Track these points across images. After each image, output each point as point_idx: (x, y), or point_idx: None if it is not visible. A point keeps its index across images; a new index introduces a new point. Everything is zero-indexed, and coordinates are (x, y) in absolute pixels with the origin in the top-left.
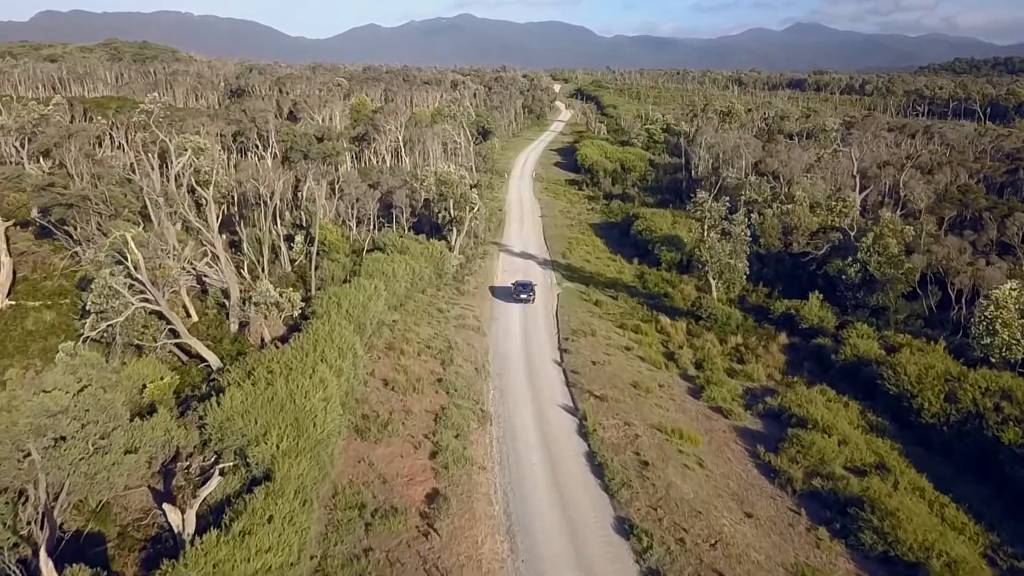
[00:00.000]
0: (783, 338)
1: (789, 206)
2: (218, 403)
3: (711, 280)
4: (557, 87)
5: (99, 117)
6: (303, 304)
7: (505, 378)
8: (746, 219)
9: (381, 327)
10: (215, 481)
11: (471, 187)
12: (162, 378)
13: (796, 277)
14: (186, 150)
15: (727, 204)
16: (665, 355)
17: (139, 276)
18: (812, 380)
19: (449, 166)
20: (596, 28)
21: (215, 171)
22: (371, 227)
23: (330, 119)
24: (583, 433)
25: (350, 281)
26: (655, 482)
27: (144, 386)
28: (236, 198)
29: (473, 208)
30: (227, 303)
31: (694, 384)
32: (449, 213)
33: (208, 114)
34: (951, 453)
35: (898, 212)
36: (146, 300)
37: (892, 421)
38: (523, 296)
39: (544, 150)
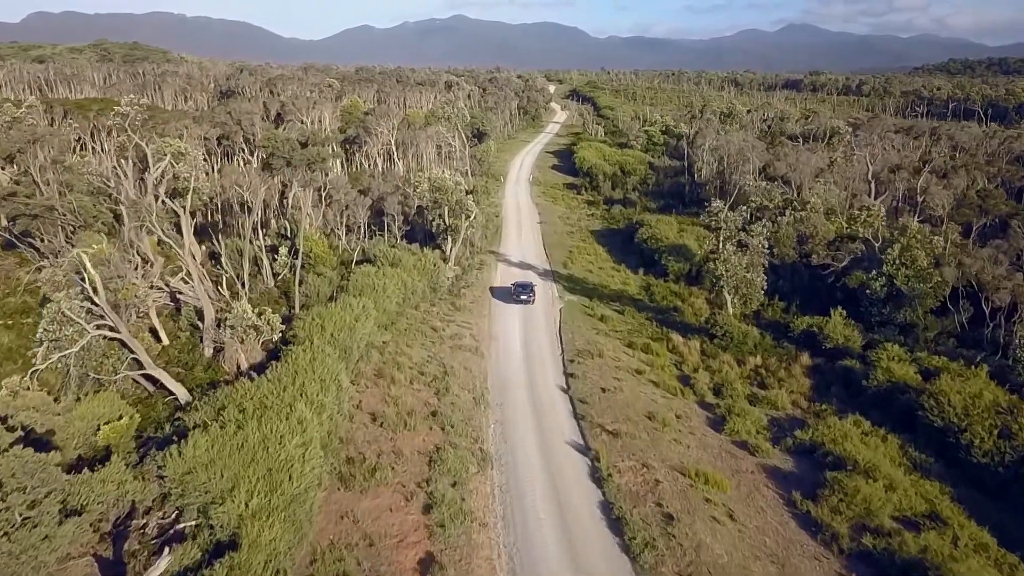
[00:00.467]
0: (806, 359)
1: (803, 213)
2: (179, 451)
3: (726, 295)
4: (552, 88)
5: (70, 120)
6: (284, 327)
7: (507, 409)
8: (764, 230)
9: (370, 350)
10: (165, 561)
11: (467, 193)
12: (120, 417)
13: (814, 290)
14: (165, 155)
15: (743, 213)
16: (680, 379)
17: (97, 300)
18: (842, 408)
19: (444, 171)
20: (590, 29)
21: (193, 178)
22: (361, 236)
23: (319, 121)
24: (596, 478)
25: (337, 298)
26: (682, 541)
27: (99, 427)
28: (219, 205)
29: (469, 216)
30: (201, 325)
31: (714, 414)
32: (444, 221)
33: (193, 116)
34: (1007, 496)
35: (916, 219)
36: (105, 327)
37: (937, 458)
38: (523, 297)
39: (541, 152)
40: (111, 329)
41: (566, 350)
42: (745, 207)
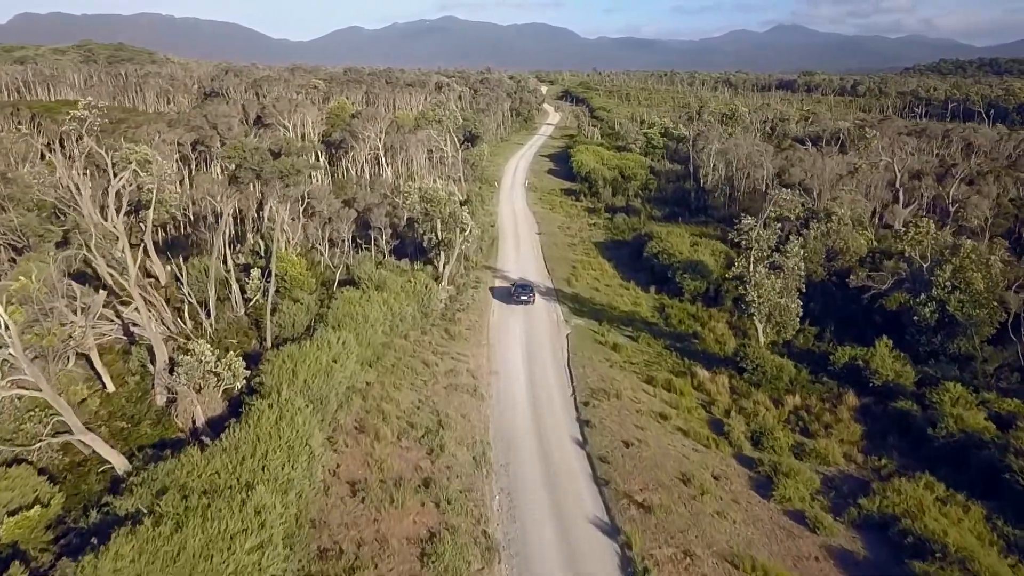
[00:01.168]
0: (852, 399)
1: (830, 225)
2: (95, 566)
3: (757, 324)
4: (544, 89)
5: (39, 124)
6: (249, 372)
7: (513, 473)
8: (800, 249)
9: (351, 396)
10: None
11: (461, 204)
12: (34, 504)
13: (849, 314)
14: (129, 163)
15: (777, 231)
16: (711, 425)
17: (12, 350)
18: (904, 464)
19: (435, 180)
20: (579, 30)
21: (160, 188)
22: (346, 251)
23: (302, 125)
24: (630, 573)
25: (314, 330)
26: None
27: (2, 520)
28: (191, 218)
29: (464, 230)
30: (152, 368)
31: (757, 472)
32: (436, 235)
33: (169, 120)
34: None
35: (947, 230)
36: (24, 383)
37: None
38: (523, 298)
39: (535, 156)
40: (28, 386)
41: (578, 388)
42: (744, 213)
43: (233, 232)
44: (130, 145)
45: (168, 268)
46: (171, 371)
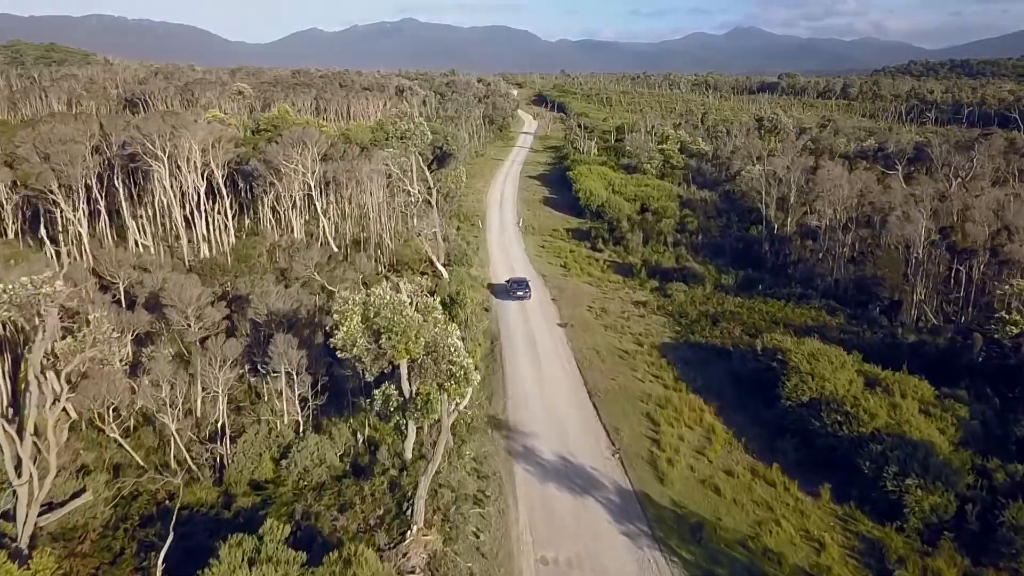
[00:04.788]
0: None
1: None
2: None
3: None
4: (515, 92)
5: None
6: None
7: None
8: None
9: None
10: None
11: (447, 310)
12: None
13: None
14: None
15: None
16: None
17: None
18: None
19: (403, 284)
20: (540, 32)
21: None
22: (219, 412)
23: (192, 153)
24: None
25: None
26: None
27: None
28: None
29: (458, 386)
30: None
31: None
32: (401, 391)
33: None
34: None
35: None
36: None
37: None
38: (519, 293)
39: (520, 175)
40: None
41: None
42: None
43: None
44: None
45: None
46: None
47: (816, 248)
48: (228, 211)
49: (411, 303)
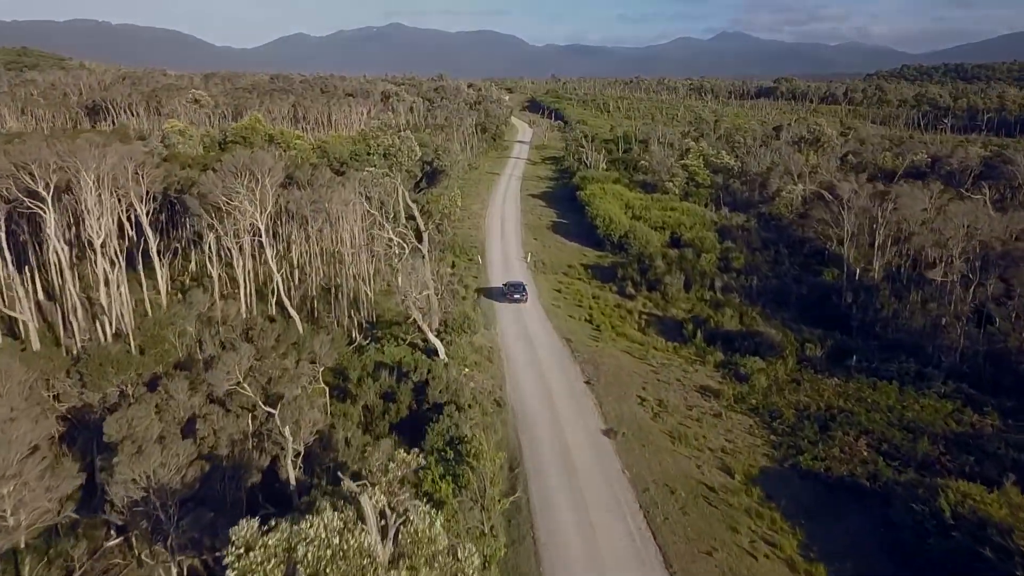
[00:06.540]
0: None
1: None
2: None
3: None
4: (507, 98)
5: None
6: None
7: None
8: None
9: None
10: None
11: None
12: None
13: None
14: None
15: None
16: None
17: None
18: None
19: (368, 504)
20: (527, 37)
21: None
22: None
23: (99, 186)
24: None
25: None
26: None
27: None
28: None
29: None
30: None
31: None
32: None
33: None
34: None
35: None
36: None
37: None
38: (516, 296)
39: (520, 193)
40: None
41: None
42: None
43: None
44: None
45: None
46: None
47: (928, 305)
48: (158, 259)
49: (379, 540)
